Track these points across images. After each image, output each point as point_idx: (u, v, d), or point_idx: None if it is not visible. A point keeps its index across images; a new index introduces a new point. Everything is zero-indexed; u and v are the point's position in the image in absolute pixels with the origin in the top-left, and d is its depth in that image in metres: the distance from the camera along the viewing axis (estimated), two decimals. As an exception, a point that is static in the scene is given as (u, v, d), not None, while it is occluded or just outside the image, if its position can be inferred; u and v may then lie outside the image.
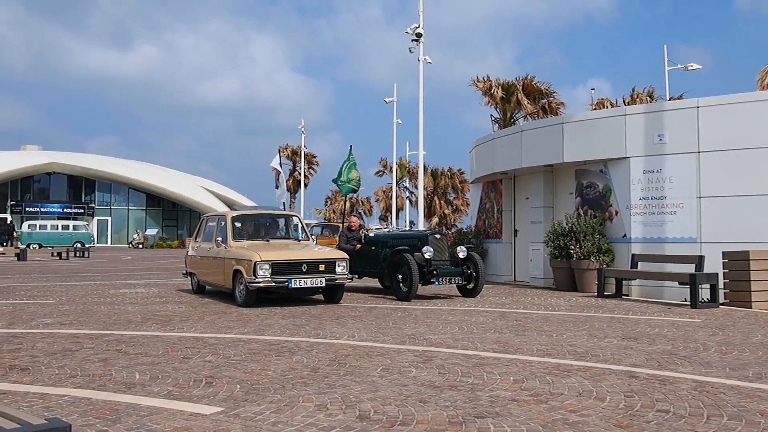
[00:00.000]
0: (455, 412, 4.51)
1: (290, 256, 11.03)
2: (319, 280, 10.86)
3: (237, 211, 12.83)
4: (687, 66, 26.59)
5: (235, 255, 11.21)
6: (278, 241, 12.21)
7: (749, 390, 5.18)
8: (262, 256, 10.58)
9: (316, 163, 61.60)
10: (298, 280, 10.72)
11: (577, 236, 13.34)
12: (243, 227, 12.38)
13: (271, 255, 10.74)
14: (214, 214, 13.71)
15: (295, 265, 10.84)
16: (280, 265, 10.70)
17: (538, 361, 6.36)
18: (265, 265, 10.53)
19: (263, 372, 5.82)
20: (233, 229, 11.90)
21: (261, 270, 10.50)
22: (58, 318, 9.40)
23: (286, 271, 10.72)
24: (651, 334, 8.00)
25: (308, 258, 11.02)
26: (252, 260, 10.54)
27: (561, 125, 14.36)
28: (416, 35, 20.78)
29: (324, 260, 11.08)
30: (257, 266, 10.49)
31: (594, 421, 4.31)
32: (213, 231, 12.58)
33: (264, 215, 13.29)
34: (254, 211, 13.33)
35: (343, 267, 11.11)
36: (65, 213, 56.61)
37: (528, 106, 30.47)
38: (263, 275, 10.51)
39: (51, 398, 4.91)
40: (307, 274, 10.83)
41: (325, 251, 11.89)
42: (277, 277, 10.62)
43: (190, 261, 13.83)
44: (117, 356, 6.55)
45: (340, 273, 11.09)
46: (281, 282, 10.64)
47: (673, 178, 12.53)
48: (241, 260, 10.86)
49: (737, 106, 12.08)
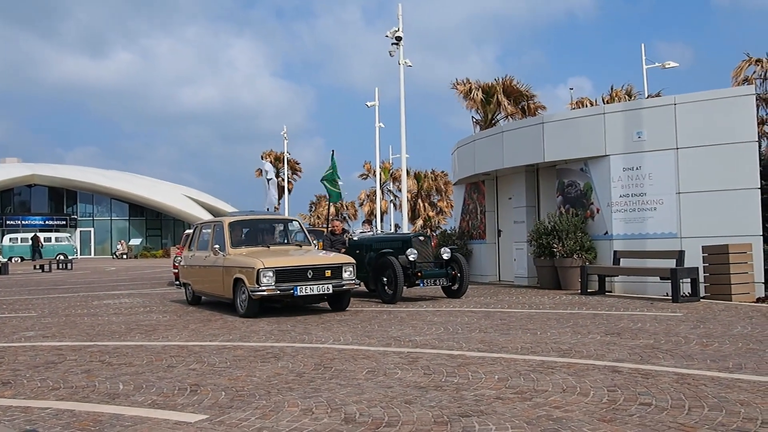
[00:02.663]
0: (440, 412, 4.53)
1: (295, 262, 10.40)
2: (325, 287, 10.26)
3: (234, 217, 12.13)
4: (664, 64, 26.83)
5: (235, 263, 10.62)
6: (279, 247, 11.60)
7: (729, 381, 5.24)
8: (265, 263, 9.99)
9: (300, 169, 61.53)
10: (303, 287, 10.11)
11: (560, 235, 13.43)
12: (241, 233, 11.81)
13: (274, 261, 10.14)
14: (209, 221, 13.15)
15: (300, 271, 10.22)
16: (285, 271, 10.09)
17: (523, 359, 6.40)
18: (268, 272, 9.93)
19: (248, 378, 5.81)
20: (231, 236, 11.25)
21: (265, 278, 9.91)
22: (41, 330, 9.34)
23: (291, 278, 10.11)
24: (634, 329, 8.07)
25: (314, 264, 10.43)
26: (255, 267, 9.95)
27: (541, 125, 14.45)
28: (396, 39, 20.84)
29: (330, 265, 10.51)
30: (260, 274, 9.89)
31: (578, 417, 4.35)
32: (209, 239, 11.93)
33: (263, 220, 12.70)
34: (252, 216, 12.67)
35: (350, 272, 10.60)
36: (47, 225, 56.12)
37: (508, 107, 30.60)
38: (267, 283, 9.91)
39: (33, 411, 4.87)
40: (313, 280, 10.23)
41: (331, 256, 11.25)
42: (282, 285, 10.00)
43: (183, 271, 13.15)
44: (100, 367, 6.51)
45: (348, 278, 10.54)
46: (286, 290, 10.02)
47: (652, 174, 12.63)
48: (243, 268, 10.28)
49: (713, 103, 12.21)
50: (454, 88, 31.61)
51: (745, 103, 12.10)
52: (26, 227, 54.22)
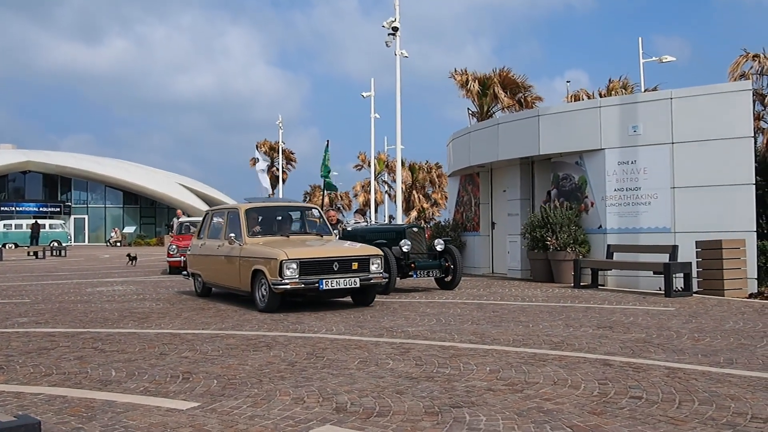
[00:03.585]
0: (431, 403, 4.55)
1: (320, 253, 9.69)
2: (352, 280, 9.53)
3: (251, 204, 11.30)
4: (661, 58, 26.83)
5: (254, 253, 9.88)
6: (299, 237, 10.78)
7: (720, 375, 5.26)
8: (288, 254, 9.22)
9: (294, 159, 61.51)
10: (329, 280, 9.37)
11: (554, 228, 13.45)
12: (258, 221, 11.02)
13: (298, 252, 9.41)
14: (221, 208, 12.39)
15: (326, 263, 9.48)
16: (310, 263, 9.38)
17: (515, 351, 6.42)
18: (292, 264, 9.18)
19: (240, 367, 5.82)
20: (248, 224, 10.52)
21: (288, 270, 9.16)
22: (34, 317, 9.33)
23: (316, 270, 9.40)
24: (626, 323, 8.10)
25: (340, 255, 9.70)
26: (277, 259, 9.18)
27: (537, 118, 14.45)
28: (392, 29, 20.78)
29: (357, 257, 9.77)
30: (284, 266, 9.13)
31: (568, 409, 4.36)
32: (221, 227, 11.27)
33: (281, 207, 12.08)
34: (270, 203, 11.91)
35: (378, 264, 9.85)
36: (41, 212, 55.97)
37: (505, 99, 30.58)
38: (291, 276, 9.16)
39: (26, 397, 4.88)
40: (339, 273, 9.52)
41: (357, 247, 10.44)
42: (306, 278, 9.28)
43: (193, 260, 12.30)
44: (93, 354, 6.51)
45: (375, 271, 9.82)
46: (311, 283, 9.28)
47: (647, 169, 12.65)
48: (263, 259, 9.52)
49: (709, 98, 12.23)
50: (452, 77, 31.58)
51: (741, 98, 12.11)
52: (20, 214, 54.09)
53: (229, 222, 11.00)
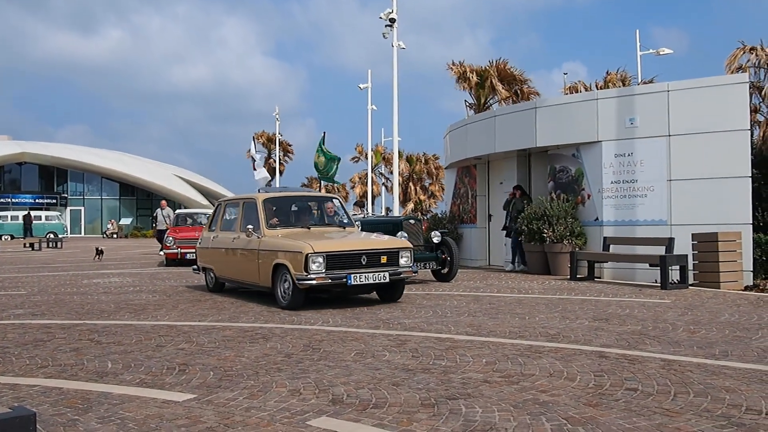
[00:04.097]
0: (428, 395, 4.55)
1: (347, 246, 9.14)
2: (381, 275, 9.00)
3: (269, 193, 10.74)
4: (659, 51, 26.83)
5: (275, 246, 9.33)
6: (320, 229, 10.22)
7: (715, 367, 5.28)
8: (314, 247, 8.71)
9: (292, 150, 61.39)
10: (357, 275, 8.85)
11: (550, 220, 13.46)
12: (277, 212, 10.39)
13: (324, 245, 8.88)
14: (235, 198, 11.79)
15: (353, 256, 8.97)
16: (337, 257, 8.86)
17: (511, 343, 6.43)
18: (318, 257, 8.66)
19: (237, 358, 5.82)
20: (266, 215, 9.98)
21: (314, 264, 8.64)
22: (30, 308, 9.32)
23: (344, 264, 8.89)
24: (622, 315, 8.11)
25: (368, 248, 9.16)
26: (302, 252, 8.66)
27: (534, 110, 14.44)
28: (390, 21, 20.73)
29: (386, 250, 9.26)
30: (309, 259, 8.62)
31: (564, 401, 4.37)
32: (237, 218, 10.73)
33: (300, 197, 11.52)
34: (289, 192, 11.40)
35: (407, 258, 9.35)
36: (37, 203, 55.85)
37: (502, 91, 30.56)
38: (317, 270, 8.65)
39: (21, 388, 4.88)
40: (368, 267, 8.98)
41: (385, 239, 9.87)
42: (333, 273, 8.77)
43: (204, 254, 11.73)
44: (89, 346, 6.51)
45: (405, 265, 9.31)
46: (338, 278, 8.78)
47: (644, 161, 12.65)
48: (286, 252, 8.99)
49: (707, 90, 12.22)
50: (449, 69, 31.55)
51: (738, 91, 12.11)
52: (16, 205, 53.97)
53: (244, 213, 10.47)
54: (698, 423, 3.89)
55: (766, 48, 22.84)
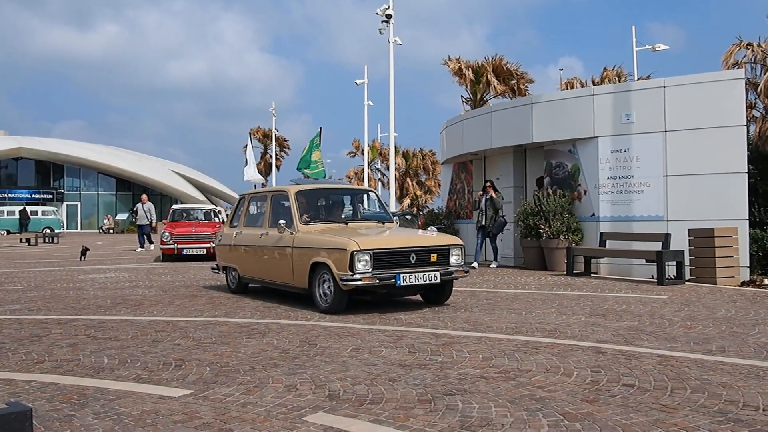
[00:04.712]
0: (424, 390, 4.55)
1: (395, 242, 8.31)
2: (432, 275, 8.16)
3: (302, 186, 9.95)
4: (655, 47, 26.86)
5: (312, 243, 8.51)
6: (358, 224, 9.50)
7: (712, 363, 5.28)
8: (360, 244, 7.88)
9: (288, 146, 61.33)
10: (407, 275, 8.01)
11: (547, 215, 13.46)
12: (309, 206, 9.66)
13: (371, 242, 8.08)
14: (262, 191, 10.93)
15: (402, 254, 8.13)
16: (385, 255, 8.02)
17: (507, 338, 6.43)
18: (365, 255, 7.83)
19: (233, 354, 5.82)
20: (299, 209, 9.18)
21: (360, 263, 7.81)
22: (26, 304, 9.30)
23: (392, 263, 8.05)
24: (618, 311, 8.12)
25: (418, 245, 8.31)
26: (347, 249, 7.82)
27: (530, 105, 14.42)
28: (386, 16, 20.71)
29: (437, 247, 8.43)
30: (355, 258, 7.79)
31: (561, 397, 4.37)
32: (264, 213, 10.00)
33: (335, 190, 10.76)
34: (323, 185, 10.70)
35: (458, 255, 8.54)
36: (34, 199, 55.78)
37: (498, 87, 30.55)
38: (363, 270, 7.82)
39: (17, 384, 4.86)
40: (417, 266, 8.16)
41: (434, 235, 9.02)
42: (381, 272, 7.94)
43: (225, 252, 10.85)
44: (85, 341, 6.50)
45: (455, 263, 8.49)
46: (387, 278, 7.94)
47: (640, 157, 12.65)
48: (327, 250, 8.17)
49: (703, 86, 12.21)
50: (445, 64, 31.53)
51: (734, 87, 12.10)
52: (13, 200, 53.89)
53: (273, 207, 9.74)
54: (695, 419, 3.89)
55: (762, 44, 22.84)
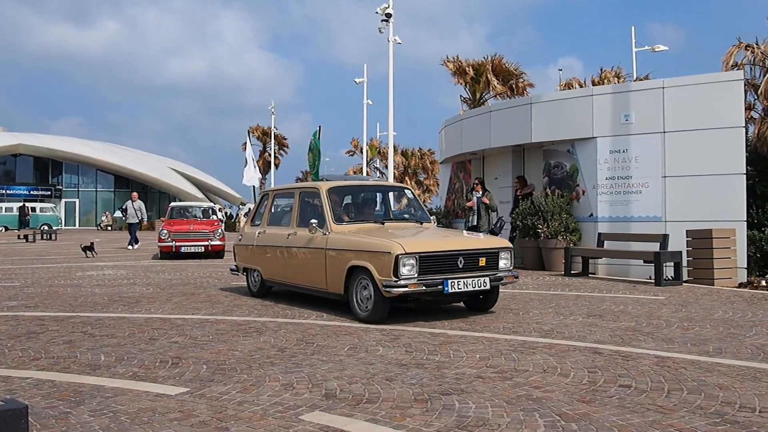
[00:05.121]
0: (421, 390, 4.55)
1: (442, 245, 7.60)
2: (481, 280, 7.46)
3: (334, 182, 9.09)
4: (654, 47, 26.85)
5: (349, 245, 7.76)
6: (395, 224, 8.82)
7: (709, 365, 5.28)
8: (405, 246, 7.14)
9: (287, 144, 61.31)
10: (455, 281, 7.28)
11: (545, 215, 13.46)
12: (342, 204, 8.99)
13: (417, 244, 7.37)
14: (288, 188, 10.18)
15: (450, 258, 7.42)
16: (432, 258, 7.30)
17: (504, 338, 6.43)
18: (410, 259, 7.10)
19: (230, 352, 5.81)
20: (332, 207, 8.47)
21: (405, 267, 7.08)
22: (23, 300, 9.29)
23: (439, 267, 7.33)
24: (616, 312, 8.12)
25: (466, 248, 7.60)
26: (391, 252, 7.07)
27: (529, 105, 14.42)
28: (386, 15, 20.67)
29: (486, 251, 7.71)
30: (400, 261, 7.05)
31: (557, 397, 4.37)
32: (291, 211, 9.24)
33: (369, 187, 9.96)
34: (355, 181, 9.90)
35: (507, 260, 7.85)
36: (32, 195, 55.72)
37: (497, 86, 30.54)
38: (408, 275, 7.09)
39: (14, 381, 4.86)
40: (465, 271, 7.46)
41: (482, 237, 8.46)
42: (427, 278, 7.20)
43: (246, 252, 10.11)
44: (82, 338, 6.49)
45: (505, 268, 7.81)
46: (434, 284, 7.17)
47: (638, 157, 12.65)
48: (368, 252, 7.42)
49: (702, 87, 12.21)
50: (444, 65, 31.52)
51: (733, 88, 12.10)
52: (11, 197, 53.83)
53: (301, 205, 9.07)
54: (691, 420, 3.89)
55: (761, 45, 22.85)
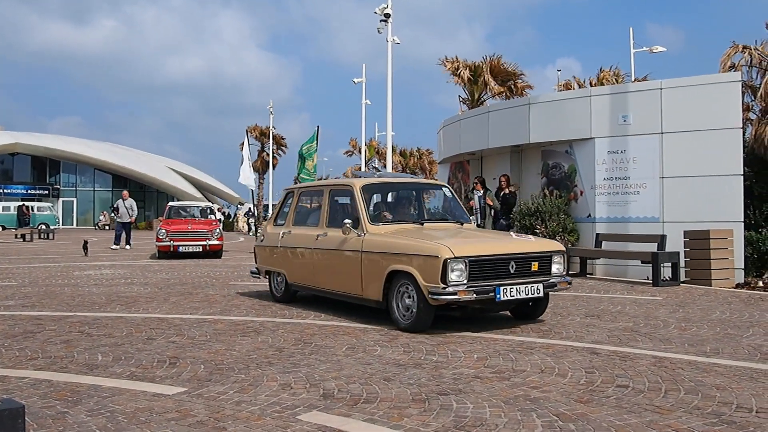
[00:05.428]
0: (419, 390, 4.55)
1: (493, 248, 6.91)
2: (534, 287, 6.86)
3: (369, 179, 8.44)
4: (652, 49, 26.89)
5: (389, 247, 7.12)
6: (434, 224, 8.06)
7: (706, 365, 5.29)
8: (454, 250, 6.50)
9: (285, 144, 61.25)
10: (507, 287, 6.68)
11: (543, 216, 13.46)
12: (378, 203, 8.49)
13: (466, 247, 6.70)
14: (317, 185, 9.56)
15: (501, 262, 6.78)
16: (482, 263, 6.66)
17: (502, 338, 6.43)
18: (459, 264, 6.48)
19: (228, 352, 5.81)
20: (367, 206, 7.81)
21: (454, 273, 6.47)
22: (20, 300, 9.27)
23: (489, 273, 6.70)
24: (613, 312, 8.13)
25: (517, 252, 6.94)
26: (439, 256, 6.44)
27: (527, 106, 14.43)
28: (385, 15, 20.65)
29: (538, 254, 7.07)
30: (449, 266, 6.43)
31: (555, 397, 4.37)
32: (321, 210, 8.56)
33: (405, 185, 9.11)
34: (389, 178, 9.15)
35: (560, 264, 7.21)
36: (29, 194, 55.66)
37: (495, 87, 30.52)
38: (457, 281, 6.47)
39: (11, 380, 4.85)
40: (516, 276, 6.83)
41: (533, 240, 7.61)
42: (478, 284, 6.57)
43: (269, 254, 9.45)
44: (80, 338, 6.48)
45: (557, 273, 7.18)
46: (485, 292, 6.56)
47: (636, 158, 12.67)
48: (410, 256, 6.79)
49: (699, 88, 12.23)
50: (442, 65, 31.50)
51: (731, 89, 12.12)
52: (8, 196, 53.76)
53: (331, 204, 8.46)
54: (688, 420, 3.90)
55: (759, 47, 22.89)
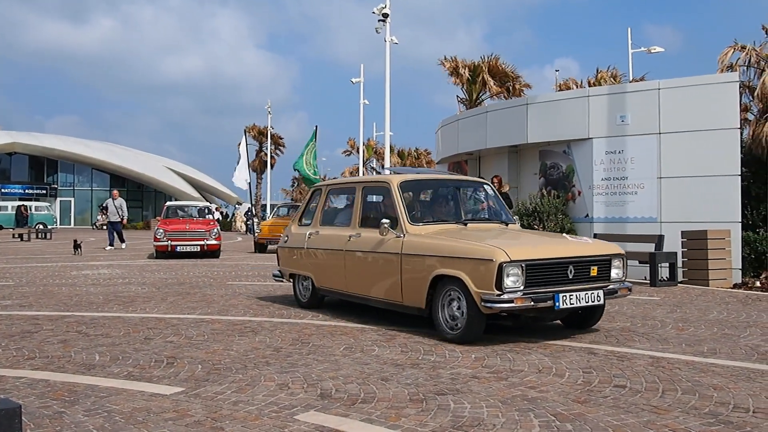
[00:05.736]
0: (416, 390, 4.55)
1: (550, 251, 6.32)
2: (595, 294, 6.27)
3: (406, 175, 7.81)
4: (650, 49, 26.91)
5: (434, 249, 6.48)
6: (478, 225, 7.40)
7: (703, 365, 5.29)
8: (510, 253, 5.89)
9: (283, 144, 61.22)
10: (567, 294, 6.06)
11: (541, 216, 13.47)
12: (417, 202, 7.77)
13: (522, 250, 6.09)
14: (348, 182, 8.91)
15: (560, 267, 6.18)
16: (541, 267, 6.08)
17: (500, 338, 6.42)
18: (515, 268, 5.88)
19: (225, 352, 5.80)
20: (405, 205, 7.16)
21: (510, 278, 5.86)
22: (18, 300, 9.26)
23: (547, 278, 6.10)
24: (611, 312, 8.13)
25: (576, 255, 6.34)
26: (494, 260, 5.84)
27: (525, 106, 14.43)
28: (383, 15, 20.65)
29: (597, 258, 6.48)
30: (504, 271, 5.83)
31: (552, 397, 4.38)
32: (353, 209, 7.87)
33: (445, 181, 8.20)
34: (429, 175, 8.60)
35: (619, 268, 6.69)
36: (27, 194, 55.61)
37: (494, 87, 30.52)
38: (514, 287, 5.87)
39: (8, 380, 4.84)
40: (575, 282, 6.22)
41: (591, 242, 7.07)
42: (535, 291, 5.97)
43: (293, 256, 8.78)
44: (77, 338, 6.48)
45: (617, 278, 6.65)
46: (543, 299, 5.97)
47: (634, 158, 12.67)
48: (459, 259, 6.17)
49: (697, 89, 12.23)
50: (441, 64, 31.50)
51: (728, 89, 12.13)
52: (6, 196, 53.71)
53: (364, 202, 7.81)
54: (686, 420, 3.90)
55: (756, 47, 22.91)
